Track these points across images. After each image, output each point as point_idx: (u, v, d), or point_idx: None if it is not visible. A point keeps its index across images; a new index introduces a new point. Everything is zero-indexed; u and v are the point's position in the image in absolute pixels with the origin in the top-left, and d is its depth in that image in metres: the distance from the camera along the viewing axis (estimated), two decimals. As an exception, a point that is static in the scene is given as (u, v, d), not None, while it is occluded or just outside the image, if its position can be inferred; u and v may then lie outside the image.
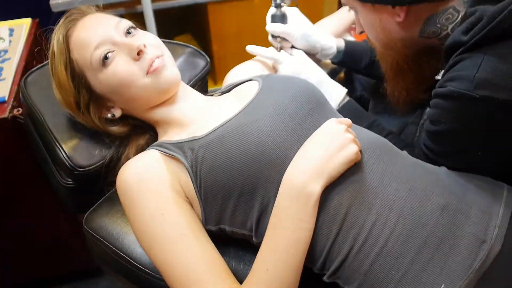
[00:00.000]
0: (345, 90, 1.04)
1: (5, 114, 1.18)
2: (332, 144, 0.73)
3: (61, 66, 0.87)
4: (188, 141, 0.82)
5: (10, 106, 1.20)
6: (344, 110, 1.01)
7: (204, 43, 1.95)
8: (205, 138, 0.80)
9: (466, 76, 0.72)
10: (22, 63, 1.35)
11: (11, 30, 1.48)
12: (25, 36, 1.45)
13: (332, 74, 1.23)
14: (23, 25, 1.50)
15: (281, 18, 1.08)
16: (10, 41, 1.43)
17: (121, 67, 0.83)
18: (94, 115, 0.90)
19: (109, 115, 0.91)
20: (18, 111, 1.19)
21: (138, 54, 0.83)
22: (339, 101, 1.03)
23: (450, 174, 0.82)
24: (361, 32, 1.00)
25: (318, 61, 1.16)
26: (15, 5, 1.65)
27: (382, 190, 0.74)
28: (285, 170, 0.74)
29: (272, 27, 1.08)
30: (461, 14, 0.84)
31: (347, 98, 1.04)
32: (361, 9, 0.91)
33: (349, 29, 1.35)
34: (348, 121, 0.79)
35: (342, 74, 1.41)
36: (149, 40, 0.87)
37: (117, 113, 0.91)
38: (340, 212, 0.73)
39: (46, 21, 1.52)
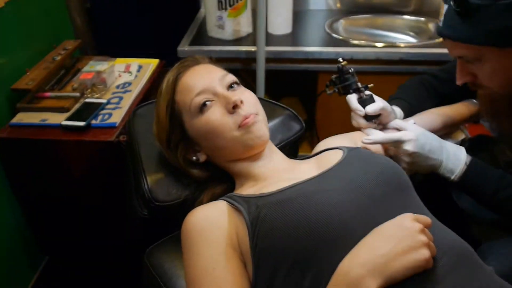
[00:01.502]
0: (463, 149, 1.01)
1: (112, 138, 1.30)
2: (402, 242, 0.65)
3: (164, 103, 0.94)
4: (256, 197, 0.82)
5: (118, 132, 1.32)
6: (471, 171, 0.98)
7: (309, 109, 1.98)
8: (270, 196, 0.79)
9: None
10: (140, 97, 1.50)
11: (140, 67, 1.66)
12: (149, 74, 1.62)
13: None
14: (151, 64, 1.68)
15: (371, 99, 1.04)
16: (136, 76, 1.60)
17: (215, 117, 0.88)
18: (180, 154, 0.95)
19: (194, 158, 0.95)
20: (124, 137, 1.30)
21: (234, 108, 0.87)
22: (464, 161, 0.99)
23: None
24: (463, 83, 1.01)
25: None
26: (150, 47, 1.86)
27: None
28: (345, 251, 0.68)
29: (372, 108, 1.02)
30: None
31: (469, 158, 1.00)
32: (493, 56, 0.90)
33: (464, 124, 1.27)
34: (427, 219, 0.71)
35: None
36: (247, 97, 0.91)
37: (202, 157, 0.95)
38: None
39: (171, 64, 1.72)
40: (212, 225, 0.80)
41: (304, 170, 0.88)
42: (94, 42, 1.94)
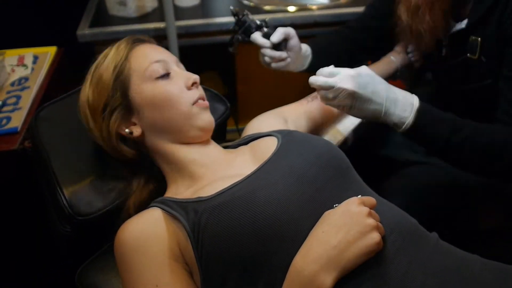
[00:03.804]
0: (414, 96, 0.91)
1: (15, 146, 1.14)
2: (351, 230, 0.64)
3: (111, 64, 0.86)
4: (194, 201, 0.75)
5: (21, 137, 1.16)
6: (424, 115, 0.89)
7: (229, 81, 1.91)
8: (210, 201, 0.73)
9: None
10: (41, 93, 1.33)
11: (36, 58, 1.46)
12: (48, 65, 1.44)
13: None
14: (48, 53, 1.48)
15: (273, 30, 1.09)
16: (32, 69, 1.41)
17: (174, 87, 0.84)
18: (113, 123, 0.85)
19: (127, 131, 0.86)
20: (30, 143, 1.15)
21: (192, 85, 0.85)
22: (416, 106, 0.88)
23: (487, 265, 0.71)
24: None
25: None
26: (43, 33, 1.65)
27: (406, 284, 0.64)
28: (295, 247, 0.66)
29: (275, 36, 1.07)
30: None
31: (419, 103, 0.90)
32: None
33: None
34: (372, 200, 0.69)
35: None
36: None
37: (136, 131, 0.86)
38: None
39: (72, 50, 1.53)
40: (149, 238, 0.73)
41: (240, 164, 0.83)
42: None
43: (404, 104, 0.87)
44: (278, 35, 1.07)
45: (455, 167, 0.96)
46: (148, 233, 0.74)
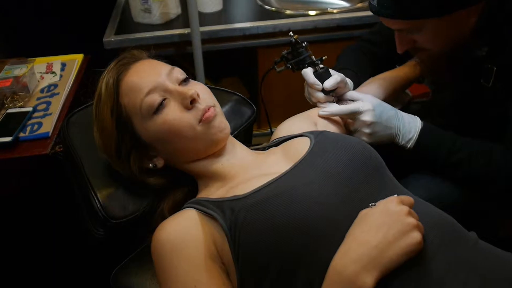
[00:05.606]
0: (417, 117, 1.01)
1: (47, 150, 1.16)
2: (392, 229, 0.63)
3: (107, 109, 0.83)
4: (229, 200, 0.75)
5: (52, 142, 1.19)
6: (425, 136, 0.98)
7: (251, 87, 1.92)
8: (247, 198, 0.73)
9: None
10: (70, 99, 1.35)
11: (63, 65, 1.49)
12: (75, 72, 1.47)
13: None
14: (75, 60, 1.52)
15: (327, 72, 1.00)
16: (61, 76, 1.44)
17: (173, 115, 0.80)
18: (133, 164, 0.85)
19: (151, 165, 0.86)
20: (60, 147, 1.17)
21: (191, 103, 0.80)
22: (419, 128, 0.98)
23: None
24: (404, 51, 1.03)
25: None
26: (70, 41, 1.68)
27: (448, 282, 0.64)
28: (332, 246, 0.65)
29: (330, 83, 0.98)
30: None
31: (421, 123, 1.00)
32: (432, 24, 0.92)
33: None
34: (410, 199, 0.69)
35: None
36: (201, 89, 0.84)
37: (159, 163, 0.86)
38: None
39: (98, 57, 1.56)
40: (186, 239, 0.73)
41: (272, 163, 0.83)
42: (3, 44, 1.73)
43: (409, 126, 0.97)
44: (333, 83, 0.98)
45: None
46: (185, 234, 0.74)
